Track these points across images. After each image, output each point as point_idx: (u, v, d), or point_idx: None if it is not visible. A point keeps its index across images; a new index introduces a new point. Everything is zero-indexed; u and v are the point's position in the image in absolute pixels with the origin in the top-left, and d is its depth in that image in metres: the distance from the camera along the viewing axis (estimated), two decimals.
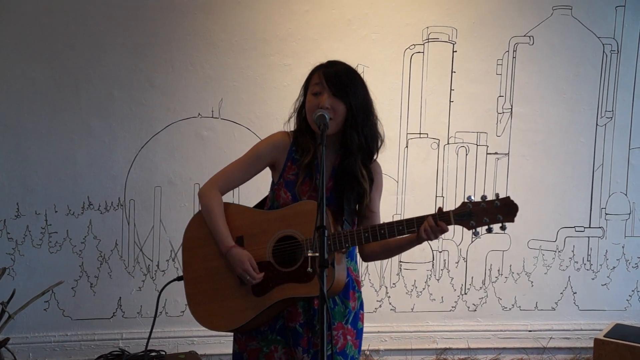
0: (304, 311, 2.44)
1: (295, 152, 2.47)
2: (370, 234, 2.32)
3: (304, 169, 2.44)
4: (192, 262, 2.51)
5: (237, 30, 3.98)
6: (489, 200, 2.28)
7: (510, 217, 2.26)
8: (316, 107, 2.34)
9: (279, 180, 2.48)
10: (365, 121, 2.43)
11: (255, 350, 2.48)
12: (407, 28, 4.12)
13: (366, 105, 2.44)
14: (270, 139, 2.53)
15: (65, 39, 3.83)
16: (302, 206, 2.40)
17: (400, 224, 2.32)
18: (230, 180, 2.52)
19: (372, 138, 2.47)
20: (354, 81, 2.41)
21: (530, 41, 4.22)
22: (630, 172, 4.40)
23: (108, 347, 3.83)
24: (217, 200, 2.47)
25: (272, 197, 2.51)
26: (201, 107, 3.98)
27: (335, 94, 2.35)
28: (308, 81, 2.45)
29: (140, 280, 4.01)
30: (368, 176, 2.49)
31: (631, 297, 4.49)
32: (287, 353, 2.47)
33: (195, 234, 2.52)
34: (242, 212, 2.49)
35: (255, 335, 2.48)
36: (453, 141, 4.24)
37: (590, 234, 4.41)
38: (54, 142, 3.87)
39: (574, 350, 4.41)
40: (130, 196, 3.97)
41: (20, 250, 3.89)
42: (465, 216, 2.28)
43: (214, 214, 2.44)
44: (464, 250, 4.30)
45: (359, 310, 2.57)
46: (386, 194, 4.13)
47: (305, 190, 2.45)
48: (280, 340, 2.47)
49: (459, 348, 4.33)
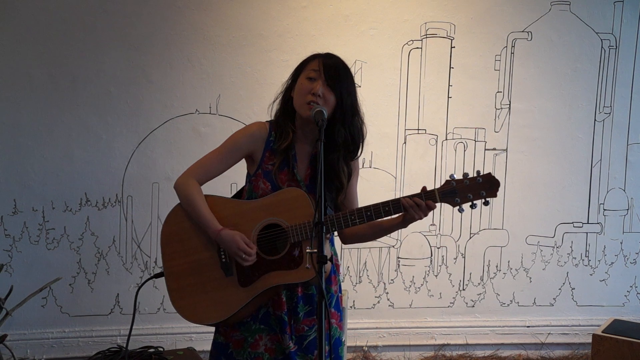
0: (288, 299, 2.46)
1: (273, 142, 2.47)
2: (356, 216, 2.34)
3: (280, 154, 2.44)
4: (173, 256, 2.48)
5: (235, 26, 3.98)
6: (472, 177, 2.35)
7: (493, 192, 2.35)
8: (309, 91, 2.35)
9: (256, 171, 2.47)
10: (352, 119, 2.44)
11: (240, 341, 2.48)
12: (405, 24, 4.12)
13: (354, 104, 2.45)
14: (247, 129, 2.52)
15: (62, 36, 3.82)
16: (286, 194, 2.40)
17: (386, 205, 2.34)
18: (207, 171, 2.50)
19: (357, 136, 2.47)
20: (348, 78, 2.42)
21: (529, 37, 4.22)
22: (628, 167, 4.40)
23: (106, 344, 3.83)
24: (197, 189, 2.44)
25: (249, 189, 2.50)
26: (199, 103, 3.98)
27: (329, 85, 2.36)
28: (303, 66, 2.45)
29: (138, 277, 4.01)
30: (348, 172, 2.48)
31: (629, 293, 4.50)
32: (272, 340, 2.47)
33: (174, 228, 2.49)
34: (222, 204, 2.47)
35: (238, 326, 2.48)
36: (451, 137, 4.23)
37: (589, 229, 4.41)
38: (52, 139, 3.86)
39: (572, 346, 4.42)
40: (127, 192, 3.96)
41: (18, 247, 3.89)
42: (450, 193, 2.33)
43: (196, 202, 2.42)
44: (462, 246, 4.31)
45: (339, 293, 2.60)
46: (384, 190, 4.17)
47: (284, 179, 2.45)
48: (264, 328, 2.47)
49: (457, 344, 4.34)
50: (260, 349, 2.47)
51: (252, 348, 2.47)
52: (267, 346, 2.47)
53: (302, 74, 2.43)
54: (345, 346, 2.67)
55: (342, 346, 2.60)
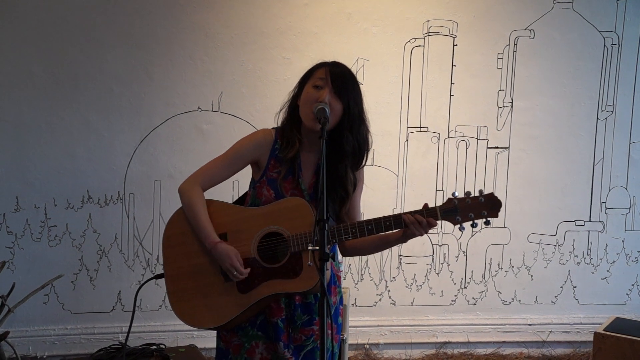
0: (286, 307, 2.45)
1: (278, 150, 2.46)
2: (357, 229, 2.33)
3: (286, 164, 2.44)
4: (175, 259, 2.48)
5: (237, 24, 3.97)
6: (474, 196, 2.34)
7: (494, 213, 2.33)
8: (315, 100, 2.34)
9: (261, 178, 2.47)
10: (359, 127, 2.43)
11: (238, 346, 2.49)
12: (407, 22, 4.11)
13: (362, 113, 2.45)
14: (253, 137, 2.51)
15: (64, 34, 3.82)
16: (287, 202, 2.40)
17: (387, 220, 2.33)
18: (211, 177, 2.49)
19: (364, 145, 2.47)
20: (355, 87, 2.41)
21: (531, 35, 4.21)
22: (630, 166, 4.39)
23: (108, 341, 3.83)
24: (199, 196, 2.44)
25: (253, 195, 2.49)
26: (201, 100, 3.98)
27: (336, 93, 2.35)
28: (309, 74, 2.43)
29: (140, 274, 4.01)
30: (354, 181, 2.48)
31: (631, 291, 4.49)
32: (267, 348, 2.47)
33: (177, 231, 2.49)
34: (225, 209, 2.47)
35: (236, 331, 2.49)
36: (453, 135, 4.23)
37: (591, 228, 4.41)
38: (54, 136, 3.86)
39: (573, 344, 4.42)
40: (129, 190, 3.97)
41: (20, 244, 3.89)
42: (452, 212, 2.33)
43: (197, 210, 2.42)
44: (464, 244, 4.30)
45: (339, 305, 2.59)
46: (386, 188, 4.17)
47: (288, 188, 2.44)
48: (261, 335, 2.47)
49: (459, 342, 4.34)
50: (257, 357, 2.46)
51: (248, 354, 2.47)
52: (262, 355, 2.47)
53: (309, 82, 2.41)
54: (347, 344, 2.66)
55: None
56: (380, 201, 4.11)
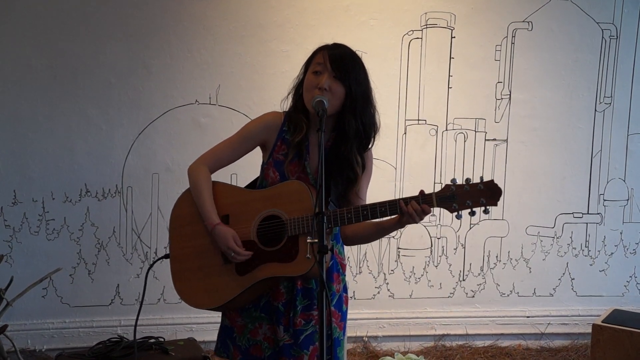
0: (287, 291, 2.46)
1: (286, 132, 2.47)
2: (353, 214, 2.31)
3: (294, 148, 2.44)
4: (179, 239, 2.51)
5: (235, 16, 3.96)
6: (473, 183, 2.26)
7: (494, 201, 2.25)
8: (315, 86, 2.33)
9: (268, 159, 2.48)
10: (363, 109, 2.42)
11: (242, 326, 2.51)
12: (405, 14, 4.10)
13: (366, 93, 2.43)
14: (262, 118, 2.53)
15: (62, 27, 3.81)
16: (287, 186, 2.40)
17: (382, 205, 2.31)
18: (220, 158, 2.51)
19: (370, 126, 2.46)
20: (356, 67, 2.39)
21: (529, 27, 4.21)
22: (628, 158, 4.39)
23: (106, 334, 3.83)
24: (206, 178, 2.46)
25: (261, 177, 2.51)
26: (198, 93, 3.97)
27: (336, 76, 2.34)
28: (310, 59, 2.43)
29: (138, 267, 4.01)
30: (362, 163, 2.47)
31: (629, 283, 4.50)
32: (270, 329, 2.49)
33: (183, 212, 2.52)
34: (229, 191, 2.49)
35: (240, 312, 2.50)
36: (451, 127, 4.23)
37: (589, 220, 4.42)
38: (52, 130, 3.86)
39: (571, 336, 4.43)
40: (127, 183, 3.96)
41: (18, 238, 3.89)
42: (448, 199, 2.26)
43: (201, 191, 2.44)
44: (462, 236, 4.31)
45: (342, 293, 2.60)
46: (384, 181, 4.16)
47: (294, 171, 2.45)
48: (265, 317, 2.48)
49: (457, 334, 4.35)
50: (260, 337, 2.48)
51: (251, 335, 2.49)
52: (266, 335, 2.48)
53: (309, 68, 2.41)
54: (345, 343, 2.66)
55: (340, 347, 2.58)
56: (378, 194, 4.08)
